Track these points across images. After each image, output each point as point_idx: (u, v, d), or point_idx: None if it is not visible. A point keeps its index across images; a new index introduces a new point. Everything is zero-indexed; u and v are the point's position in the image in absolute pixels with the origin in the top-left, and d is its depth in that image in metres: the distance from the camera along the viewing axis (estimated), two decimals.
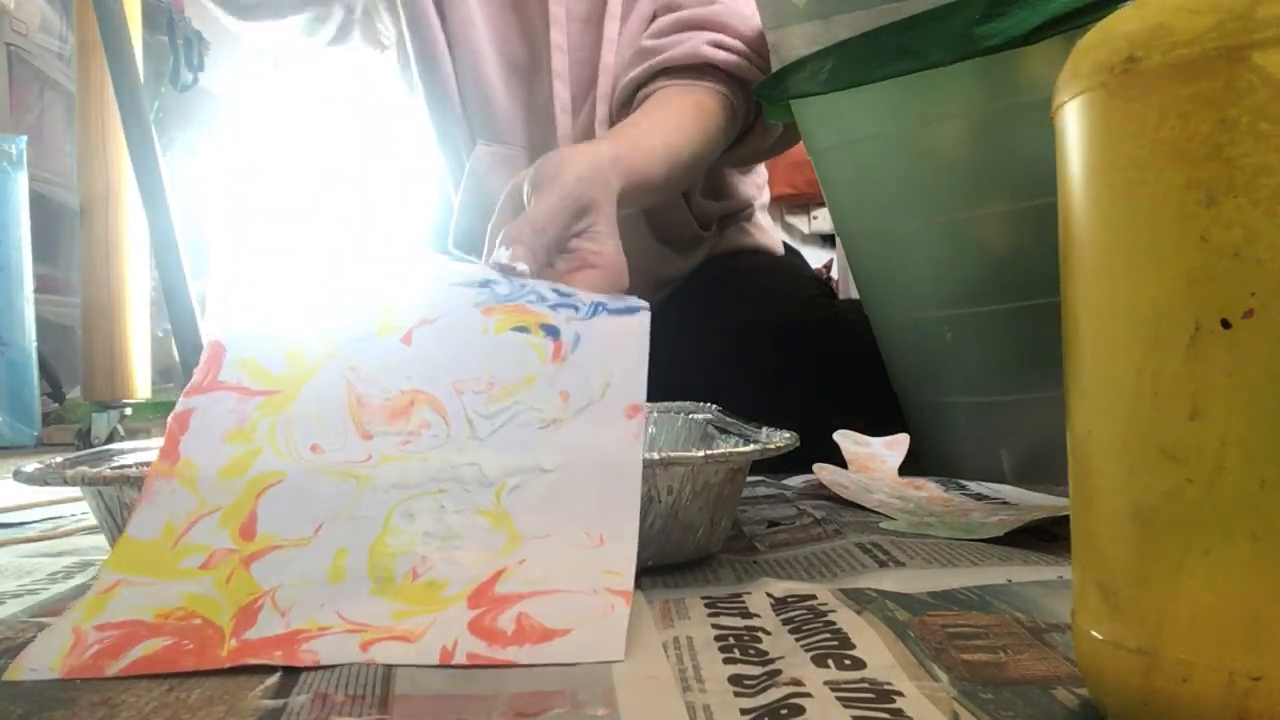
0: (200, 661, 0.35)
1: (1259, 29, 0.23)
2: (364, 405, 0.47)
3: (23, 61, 2.20)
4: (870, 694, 0.30)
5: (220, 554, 0.41)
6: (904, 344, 0.81)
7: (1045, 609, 0.39)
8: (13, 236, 1.76)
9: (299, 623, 0.37)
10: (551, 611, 0.37)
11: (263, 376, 0.48)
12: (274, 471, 0.44)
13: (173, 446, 0.45)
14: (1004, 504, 0.61)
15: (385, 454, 0.45)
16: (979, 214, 0.70)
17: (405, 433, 0.46)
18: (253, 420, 0.46)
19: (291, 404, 0.47)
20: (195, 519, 0.42)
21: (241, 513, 0.42)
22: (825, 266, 2.70)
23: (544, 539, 0.41)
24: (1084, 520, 0.28)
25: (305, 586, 0.39)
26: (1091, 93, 0.26)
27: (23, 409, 1.77)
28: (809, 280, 1.05)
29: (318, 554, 0.41)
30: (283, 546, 0.41)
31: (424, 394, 0.47)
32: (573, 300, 0.53)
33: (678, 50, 0.84)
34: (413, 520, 0.42)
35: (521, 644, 0.35)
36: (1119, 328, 0.26)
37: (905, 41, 0.65)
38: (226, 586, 0.39)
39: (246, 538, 0.41)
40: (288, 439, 0.45)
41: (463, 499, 0.43)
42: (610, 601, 0.37)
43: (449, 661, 0.35)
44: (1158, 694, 0.25)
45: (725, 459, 0.47)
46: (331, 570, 0.40)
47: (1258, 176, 0.23)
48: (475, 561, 0.40)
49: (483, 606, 0.37)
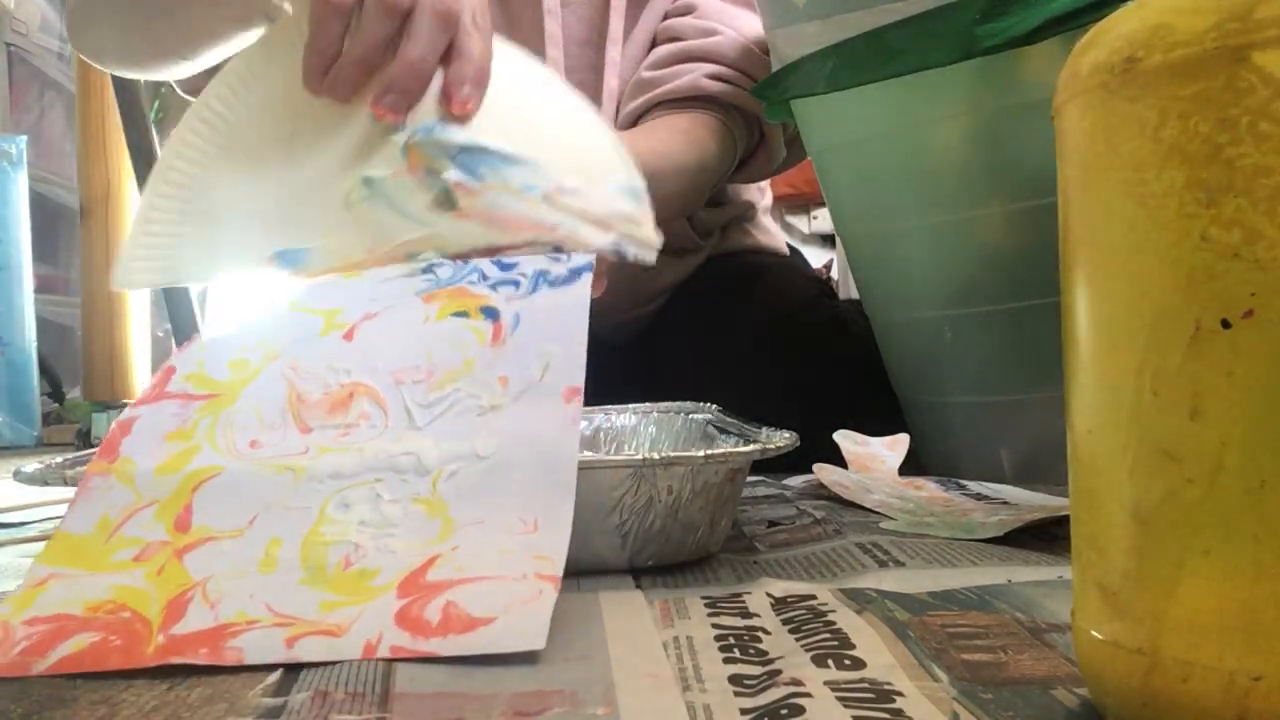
0: (126, 660, 0.35)
1: (1259, 29, 0.23)
2: (304, 401, 0.47)
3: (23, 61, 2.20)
4: (870, 694, 0.30)
5: (154, 546, 0.41)
6: (904, 344, 0.81)
7: (1045, 609, 0.39)
8: (13, 236, 1.76)
9: (227, 615, 0.37)
10: (478, 599, 0.37)
11: (206, 384, 0.49)
12: (211, 466, 0.44)
13: (112, 446, 0.45)
14: (1004, 504, 0.61)
15: (322, 446, 0.45)
16: (979, 214, 0.71)
17: (344, 425, 0.46)
18: (193, 420, 0.47)
19: (231, 404, 0.47)
20: (131, 513, 0.42)
21: (177, 506, 0.42)
22: (825, 266, 2.69)
23: (478, 525, 0.41)
24: (1084, 520, 0.28)
25: (237, 578, 0.39)
26: (1091, 93, 0.26)
27: (23, 409, 1.77)
28: (809, 280, 1.05)
29: (251, 544, 0.41)
30: (217, 538, 0.41)
31: (363, 386, 0.48)
32: (515, 273, 0.52)
33: (677, 83, 0.84)
34: (348, 510, 0.42)
35: (445, 634, 0.35)
36: (1119, 328, 0.26)
37: (905, 41, 0.65)
38: (158, 578, 0.39)
39: (181, 530, 0.41)
40: (226, 436, 0.46)
41: (399, 488, 0.43)
42: (538, 587, 0.37)
43: (372, 656, 0.35)
44: (1158, 694, 0.25)
45: (725, 459, 0.47)
46: (263, 560, 0.40)
47: (1258, 176, 0.23)
48: (408, 549, 0.40)
49: (412, 595, 0.37)
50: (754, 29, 0.87)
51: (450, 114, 0.52)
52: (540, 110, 0.57)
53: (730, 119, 0.86)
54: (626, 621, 0.39)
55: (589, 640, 0.37)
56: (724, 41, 0.86)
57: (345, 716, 0.30)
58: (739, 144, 0.88)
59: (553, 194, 0.53)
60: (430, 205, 0.53)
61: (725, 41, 0.86)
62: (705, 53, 0.86)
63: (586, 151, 0.56)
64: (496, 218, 0.53)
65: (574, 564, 0.46)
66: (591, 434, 0.69)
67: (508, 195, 0.53)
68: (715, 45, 0.86)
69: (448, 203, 0.53)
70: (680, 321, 0.97)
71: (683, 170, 0.81)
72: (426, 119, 0.53)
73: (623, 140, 0.76)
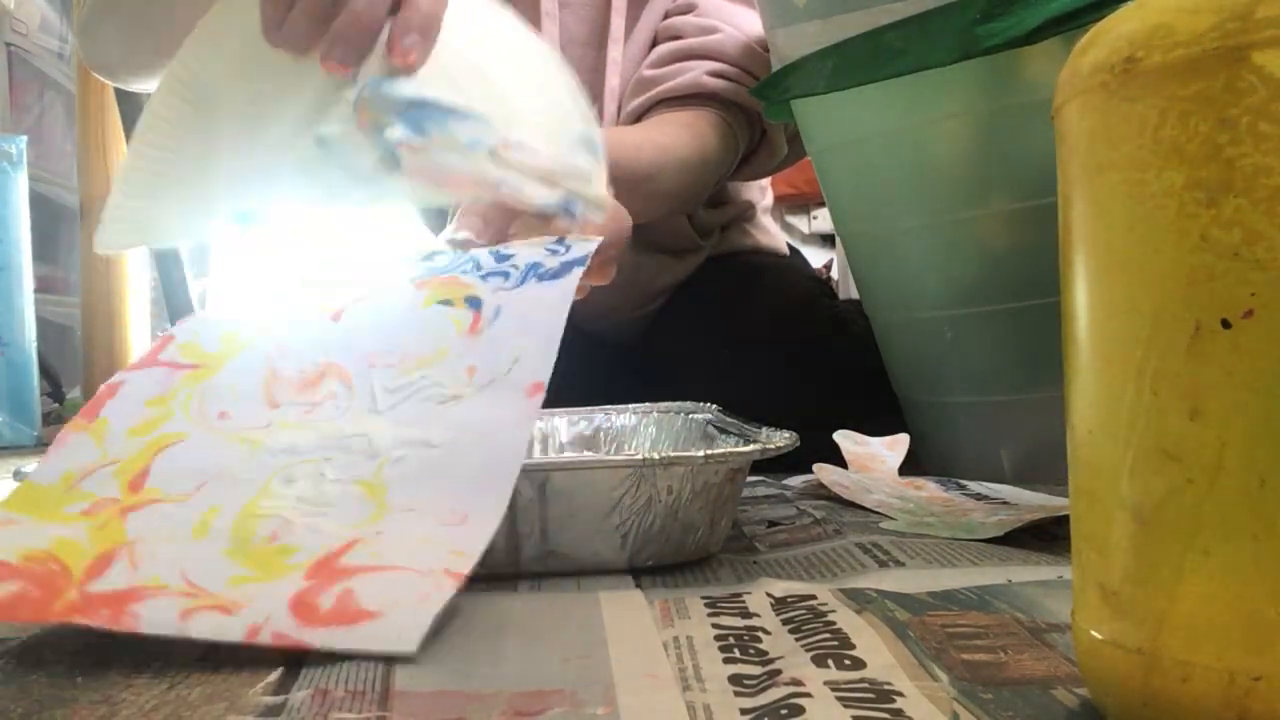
0: (35, 614, 0.36)
1: (1259, 29, 0.23)
2: (278, 377, 0.48)
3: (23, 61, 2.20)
4: (870, 694, 0.30)
5: (104, 503, 0.41)
6: (904, 344, 0.81)
7: (1045, 609, 0.39)
8: (13, 236, 1.76)
9: (142, 579, 0.37)
10: (376, 591, 0.37)
11: (196, 354, 0.50)
12: (177, 433, 0.45)
13: (96, 407, 0.46)
14: (1004, 504, 0.61)
15: (284, 421, 0.46)
16: (979, 214, 0.71)
17: (310, 403, 0.47)
18: (174, 389, 0.47)
19: (212, 376, 0.48)
20: (93, 469, 0.43)
21: (136, 467, 0.43)
22: (825, 266, 2.70)
23: (409, 512, 0.41)
24: (1084, 520, 0.28)
25: (166, 542, 0.40)
26: (1091, 93, 0.26)
27: (23, 409, 1.77)
28: (809, 280, 1.05)
29: (190, 510, 0.41)
30: (162, 501, 0.42)
31: (336, 366, 0.48)
32: (508, 264, 0.51)
33: (678, 81, 0.84)
34: (291, 485, 0.42)
35: (329, 624, 0.35)
36: (1119, 328, 0.26)
37: (905, 41, 0.65)
38: (98, 533, 0.40)
39: (134, 490, 0.42)
40: (200, 406, 0.46)
41: (345, 468, 0.43)
42: (438, 583, 0.37)
43: (254, 640, 0.35)
44: (1158, 694, 0.25)
45: (725, 459, 0.47)
46: (198, 526, 0.40)
47: (1258, 176, 0.23)
48: (334, 529, 0.40)
49: (316, 579, 0.38)
50: (754, 27, 0.87)
51: (395, 66, 0.50)
52: (496, 59, 0.55)
53: (732, 116, 0.86)
54: (626, 621, 0.39)
55: (589, 640, 0.37)
56: (725, 39, 0.86)
57: (345, 714, 0.30)
58: (740, 141, 0.88)
59: (500, 149, 0.52)
60: (376, 164, 0.52)
61: (726, 39, 0.86)
62: (706, 50, 0.86)
63: (542, 101, 0.55)
64: (440, 176, 0.52)
65: (574, 563, 0.46)
66: (591, 434, 0.69)
67: (452, 152, 0.51)
68: (716, 43, 0.86)
69: (392, 162, 0.51)
70: (680, 321, 0.97)
71: (685, 166, 0.81)
72: (376, 73, 0.51)
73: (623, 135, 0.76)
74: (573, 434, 0.67)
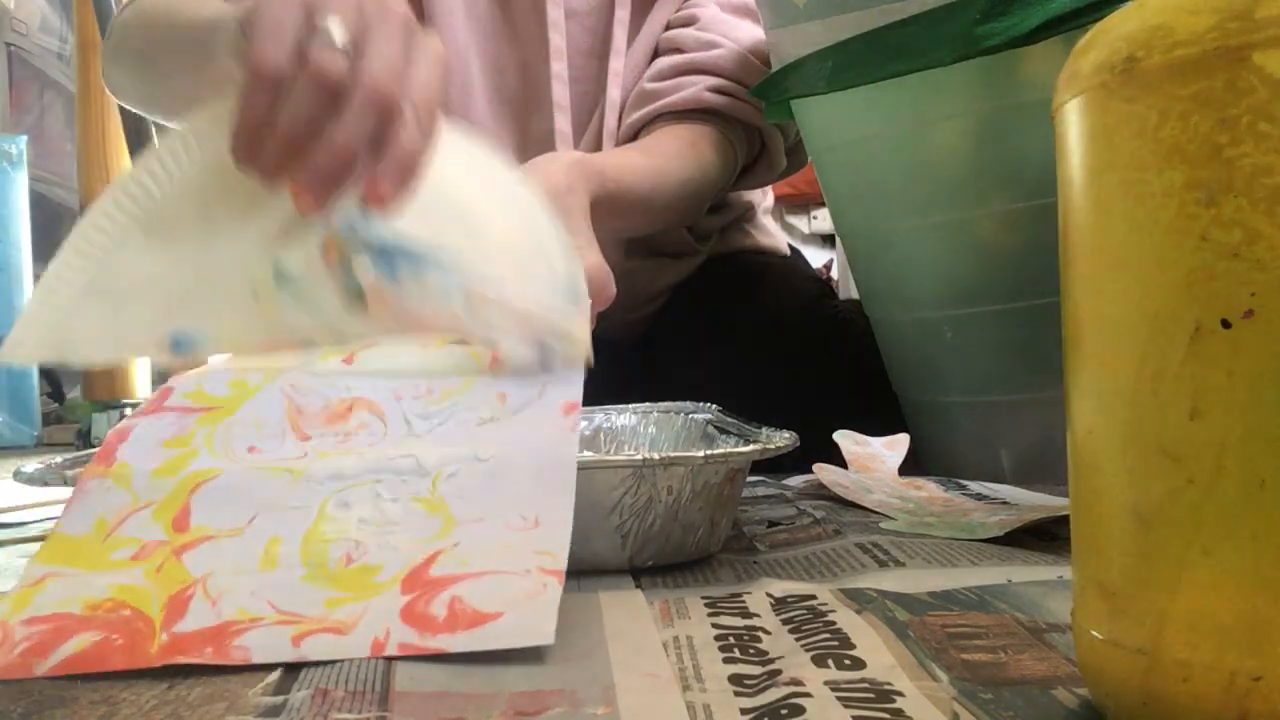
0: (131, 660, 0.35)
1: (1259, 29, 0.23)
2: (303, 413, 0.47)
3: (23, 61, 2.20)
4: (870, 694, 0.30)
5: (152, 545, 0.40)
6: (904, 344, 0.81)
7: (1045, 609, 0.39)
8: (13, 236, 1.76)
9: (230, 613, 0.37)
10: (484, 594, 0.37)
11: (205, 399, 0.49)
12: (209, 469, 0.44)
13: (109, 452, 0.45)
14: (1004, 504, 0.61)
15: (321, 451, 0.45)
16: (979, 214, 0.71)
17: (342, 433, 0.46)
18: (191, 429, 0.46)
19: (230, 415, 0.47)
20: (127, 514, 0.42)
21: (175, 507, 0.42)
22: (825, 266, 2.70)
23: (478, 523, 0.41)
24: (1084, 520, 0.28)
25: (236, 575, 0.39)
26: (1091, 93, 0.26)
27: (23, 409, 1.77)
28: (809, 280, 1.05)
29: (250, 542, 0.40)
30: (215, 537, 0.41)
31: (363, 400, 0.48)
32: None
33: (678, 96, 0.84)
34: (348, 508, 0.42)
35: (453, 630, 0.35)
36: (1119, 327, 0.26)
37: (905, 41, 0.65)
38: (157, 576, 0.39)
39: (179, 530, 0.41)
40: (225, 443, 0.46)
41: (399, 487, 0.43)
42: (543, 581, 0.37)
43: (381, 654, 0.35)
44: (1158, 694, 0.25)
45: (725, 459, 0.47)
46: (264, 557, 0.40)
47: (1258, 176, 0.23)
48: (410, 545, 0.40)
49: (416, 591, 0.37)
50: (753, 39, 0.87)
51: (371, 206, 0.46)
52: (477, 198, 0.52)
53: (731, 131, 0.86)
54: (626, 621, 0.39)
55: (589, 640, 0.37)
56: (725, 54, 0.86)
57: (345, 715, 0.30)
58: (739, 156, 0.89)
59: (474, 295, 0.49)
60: (341, 305, 0.49)
61: (726, 54, 0.86)
62: (707, 65, 0.86)
63: (523, 243, 0.51)
64: (408, 320, 0.49)
65: (574, 564, 0.46)
66: (591, 434, 0.69)
67: (424, 297, 0.49)
68: (717, 58, 0.86)
69: (357, 302, 0.49)
70: (680, 321, 0.97)
71: (684, 183, 0.81)
72: (349, 210, 0.47)
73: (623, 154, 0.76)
74: None
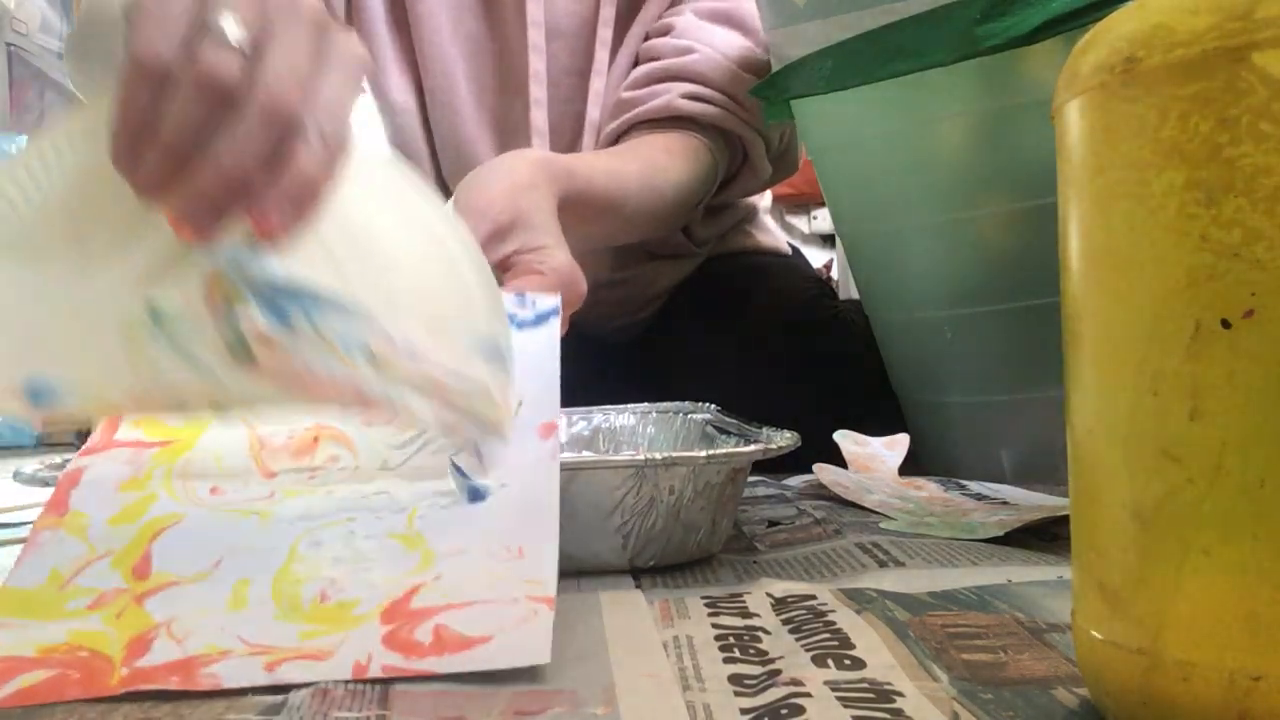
0: (88, 690, 0.32)
1: (1259, 29, 0.23)
2: (265, 445, 0.45)
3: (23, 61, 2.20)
4: (870, 694, 0.30)
5: (111, 594, 0.38)
6: (904, 344, 0.81)
7: (1045, 609, 0.39)
8: None
9: (197, 648, 0.34)
10: (470, 621, 0.35)
11: (159, 430, 0.46)
12: (170, 514, 0.42)
13: (61, 499, 0.42)
14: (1004, 504, 0.61)
15: (287, 490, 0.43)
16: (979, 214, 0.71)
17: (309, 469, 0.44)
18: (148, 469, 0.44)
19: (189, 450, 0.45)
20: (84, 564, 0.39)
21: (135, 554, 0.40)
22: (825, 266, 2.70)
23: (459, 555, 0.39)
24: (1084, 520, 0.28)
25: (203, 615, 0.36)
26: (1091, 93, 0.26)
27: None
28: (810, 280, 1.05)
29: (217, 585, 0.38)
30: (179, 582, 0.38)
31: (329, 429, 0.46)
32: None
33: (653, 104, 0.83)
34: (320, 548, 0.40)
35: (441, 654, 0.34)
36: (1119, 328, 0.26)
37: (905, 41, 0.65)
38: (117, 621, 0.36)
39: (140, 577, 0.39)
40: (184, 484, 0.43)
41: (374, 525, 0.41)
42: (532, 608, 0.36)
43: (363, 676, 0.33)
44: (1158, 694, 0.25)
45: (727, 459, 0.47)
46: (232, 599, 0.37)
47: (1258, 176, 0.23)
48: (388, 581, 0.38)
49: (397, 621, 0.35)
50: (732, 46, 0.86)
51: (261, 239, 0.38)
52: (388, 233, 0.43)
53: (710, 139, 0.85)
54: (626, 621, 0.39)
55: (589, 640, 0.37)
56: (700, 59, 0.84)
57: (345, 714, 0.30)
58: (720, 164, 0.87)
59: (381, 351, 0.40)
60: (222, 353, 0.40)
61: (702, 59, 0.84)
62: (681, 71, 0.84)
63: (442, 290, 0.44)
64: (299, 378, 0.40)
65: (574, 564, 0.46)
66: (590, 434, 0.69)
67: (320, 351, 0.40)
68: (692, 64, 0.84)
69: (243, 353, 0.40)
70: (680, 321, 0.97)
71: (661, 191, 0.79)
72: (236, 243, 0.38)
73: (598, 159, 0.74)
74: (571, 434, 0.67)
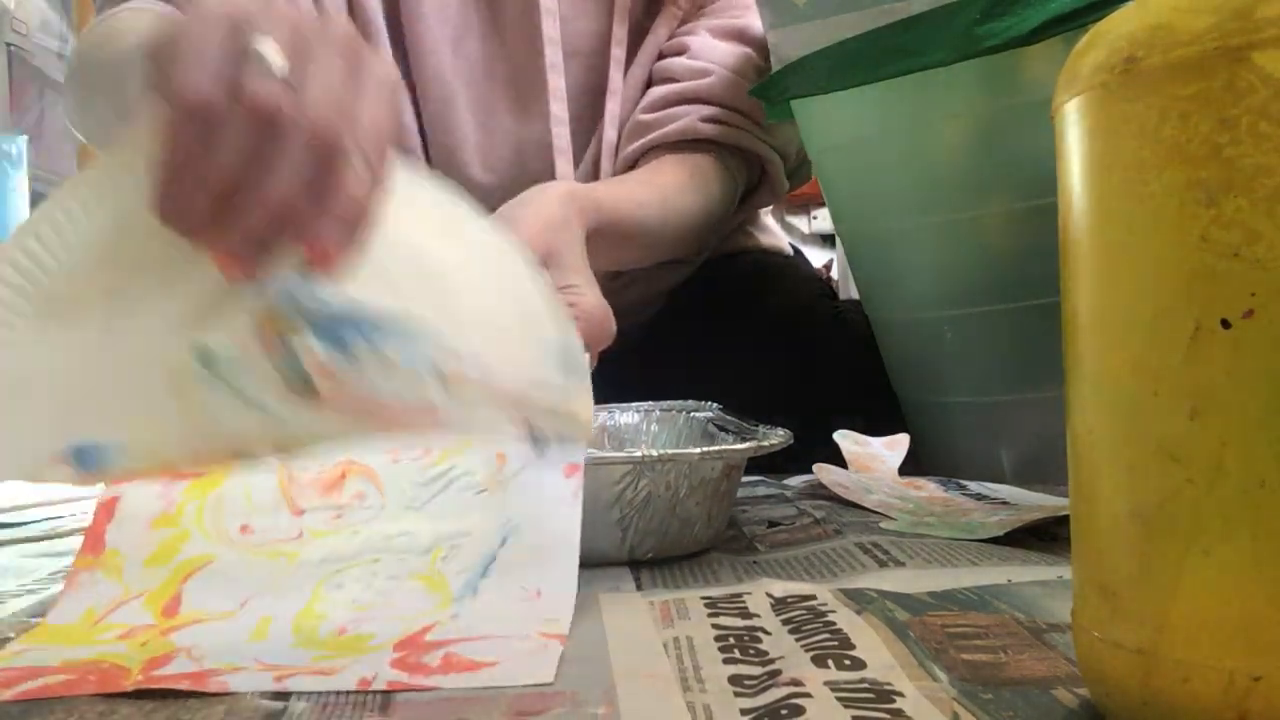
0: (102, 687, 0.33)
1: (1259, 29, 0.23)
2: (295, 481, 0.46)
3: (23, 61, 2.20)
4: (870, 694, 0.30)
5: (140, 629, 0.40)
6: (904, 344, 0.81)
7: (1045, 609, 0.39)
8: None
9: (212, 664, 0.36)
10: (480, 650, 0.36)
11: None
12: (202, 555, 0.43)
13: (98, 537, 0.44)
14: (1004, 504, 0.61)
15: (315, 530, 0.44)
16: (979, 214, 0.70)
17: (337, 506, 0.45)
18: (179, 504, 0.45)
19: (219, 485, 0.46)
20: (117, 604, 0.41)
21: (166, 595, 0.41)
22: (825, 266, 2.70)
23: (478, 596, 0.41)
24: (1084, 520, 0.28)
25: (223, 642, 0.38)
26: (1091, 93, 0.26)
27: None
28: (810, 280, 1.05)
29: (241, 622, 0.40)
30: (206, 620, 0.40)
31: (357, 464, 0.47)
32: None
33: (672, 127, 0.83)
34: (341, 590, 0.41)
35: (447, 674, 0.34)
36: (1119, 328, 0.26)
37: (905, 41, 0.65)
38: (144, 648, 0.38)
39: (169, 615, 0.41)
40: (216, 521, 0.44)
41: (396, 566, 0.42)
42: (543, 644, 0.36)
43: (368, 688, 0.33)
44: (1158, 694, 0.25)
45: (721, 455, 0.48)
46: (254, 632, 0.39)
47: (1258, 176, 0.23)
48: (405, 618, 0.39)
49: (408, 650, 0.37)
50: (748, 64, 0.86)
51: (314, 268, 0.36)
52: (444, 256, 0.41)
53: (729, 159, 0.86)
54: (626, 621, 0.39)
55: (589, 640, 0.37)
56: (717, 82, 0.85)
57: (346, 716, 0.30)
58: (739, 183, 0.88)
59: (449, 368, 0.38)
60: (281, 390, 0.38)
61: (718, 82, 0.85)
62: (699, 94, 0.85)
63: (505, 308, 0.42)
64: (365, 406, 0.38)
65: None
66: (595, 431, 0.69)
67: (385, 376, 0.38)
68: (709, 87, 0.85)
69: (303, 388, 0.38)
70: (682, 321, 0.97)
71: (684, 211, 0.80)
72: (288, 274, 0.36)
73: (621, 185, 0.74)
74: None
